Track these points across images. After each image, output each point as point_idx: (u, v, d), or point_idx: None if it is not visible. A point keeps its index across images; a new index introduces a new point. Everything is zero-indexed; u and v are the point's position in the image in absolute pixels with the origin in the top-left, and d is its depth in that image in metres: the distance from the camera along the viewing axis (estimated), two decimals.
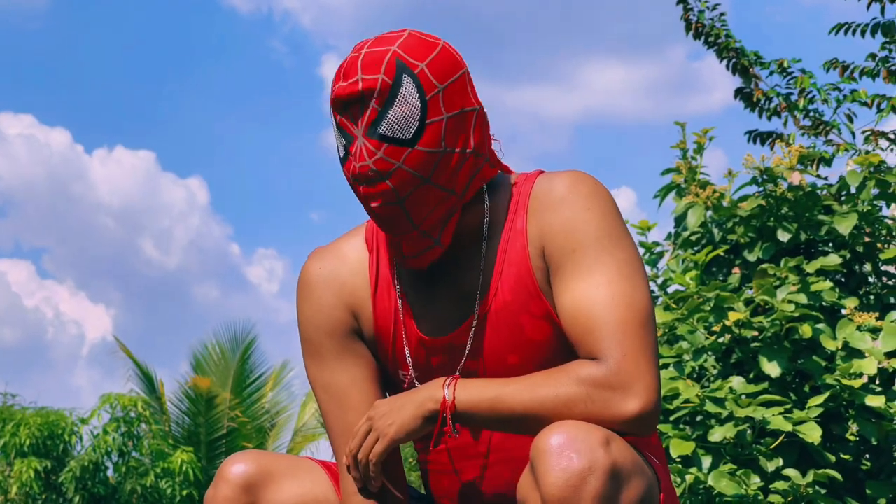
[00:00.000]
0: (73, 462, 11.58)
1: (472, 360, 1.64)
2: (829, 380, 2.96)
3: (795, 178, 3.60)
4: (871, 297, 3.44)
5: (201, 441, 12.65)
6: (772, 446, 2.89)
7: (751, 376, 3.08)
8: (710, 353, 3.17)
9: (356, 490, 1.64)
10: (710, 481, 2.78)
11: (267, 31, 25.18)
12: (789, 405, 2.92)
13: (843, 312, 3.22)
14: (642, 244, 3.84)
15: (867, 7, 4.76)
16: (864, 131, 4.69)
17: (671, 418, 3.00)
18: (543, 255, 1.60)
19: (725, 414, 2.90)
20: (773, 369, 2.98)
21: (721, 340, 3.13)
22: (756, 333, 3.09)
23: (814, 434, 2.79)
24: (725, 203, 3.59)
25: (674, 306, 3.22)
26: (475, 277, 1.64)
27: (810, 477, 2.80)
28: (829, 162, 3.98)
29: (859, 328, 3.02)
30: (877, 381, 3.13)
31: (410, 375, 1.68)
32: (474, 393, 1.53)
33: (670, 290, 3.67)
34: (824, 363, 3.02)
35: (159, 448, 11.95)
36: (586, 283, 1.54)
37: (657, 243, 3.86)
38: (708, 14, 5.12)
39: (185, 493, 11.48)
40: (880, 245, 3.49)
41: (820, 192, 3.54)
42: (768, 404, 2.92)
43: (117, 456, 11.82)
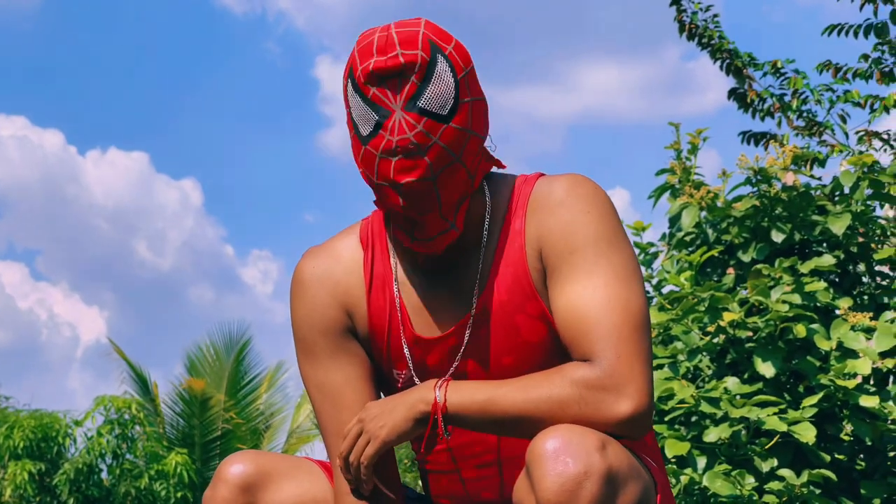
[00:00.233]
0: (68, 464, 11.57)
1: (467, 359, 1.64)
2: (824, 380, 2.96)
3: (789, 178, 3.61)
4: (865, 298, 3.45)
5: (196, 443, 12.62)
6: (766, 446, 2.90)
7: (745, 376, 3.08)
8: (705, 354, 3.17)
9: (349, 490, 1.64)
10: (704, 482, 2.79)
11: (261, 32, 25.18)
12: (784, 405, 2.92)
13: (838, 312, 3.22)
14: (637, 245, 3.84)
15: (860, 8, 4.78)
16: (858, 131, 4.71)
17: (666, 419, 3.00)
18: (541, 257, 1.60)
19: (720, 414, 2.90)
20: (767, 369, 2.98)
21: (716, 341, 3.13)
22: (750, 334, 3.10)
23: (808, 434, 2.79)
24: (720, 203, 3.59)
25: (668, 307, 3.22)
26: (472, 276, 1.64)
27: (805, 477, 2.80)
28: (823, 163, 3.99)
29: (853, 328, 3.02)
30: (871, 381, 3.14)
31: (405, 374, 1.68)
32: (466, 395, 1.53)
33: (665, 290, 3.67)
34: (818, 363, 3.03)
35: (153, 450, 11.94)
36: (582, 286, 1.54)
37: (651, 244, 3.86)
38: (701, 15, 5.14)
39: (179, 495, 11.44)
40: (874, 245, 3.49)
41: (814, 192, 3.54)
42: (763, 404, 2.92)
43: (111, 458, 11.81)
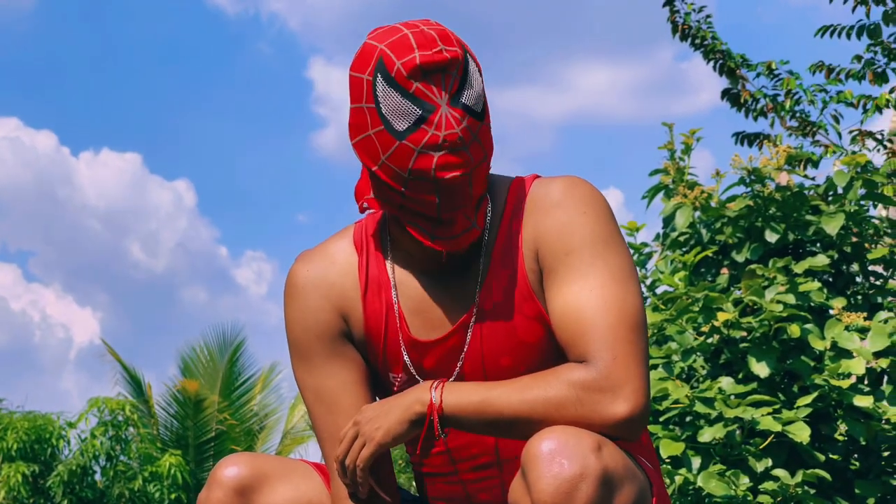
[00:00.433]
0: (61, 466, 11.55)
1: (465, 361, 1.63)
2: (818, 380, 2.96)
3: (783, 178, 3.61)
4: (859, 297, 3.45)
5: (189, 444, 12.60)
6: (761, 447, 2.90)
7: (740, 376, 3.08)
8: (699, 354, 3.17)
9: (346, 495, 1.63)
10: (699, 482, 2.79)
11: (254, 33, 25.16)
12: (778, 405, 2.92)
13: (832, 312, 3.22)
14: (631, 245, 3.84)
15: (852, 10, 4.78)
16: (851, 131, 4.71)
17: (661, 419, 3.00)
18: (537, 258, 1.60)
19: (715, 414, 2.90)
20: (761, 369, 2.98)
21: (710, 341, 3.13)
22: (745, 334, 3.10)
23: (803, 434, 2.80)
24: (713, 204, 3.59)
25: (662, 307, 3.22)
26: (470, 278, 1.63)
27: (799, 477, 2.80)
28: (816, 164, 3.99)
29: (847, 328, 3.03)
30: (865, 381, 3.14)
31: (401, 377, 1.66)
32: (462, 396, 1.52)
33: (659, 290, 3.67)
34: (813, 363, 3.03)
35: (147, 452, 11.92)
36: (579, 287, 1.54)
37: (645, 244, 3.86)
38: (694, 16, 5.14)
39: (173, 496, 11.43)
40: (868, 245, 3.50)
41: (807, 192, 3.54)
42: (757, 404, 2.92)
43: (105, 460, 11.80)
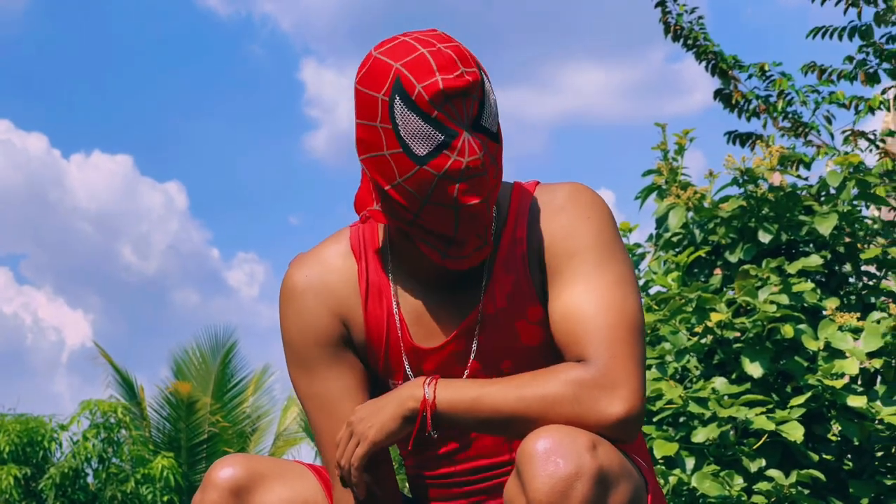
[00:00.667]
0: (53, 469, 11.53)
1: (466, 366, 1.62)
2: (811, 380, 2.96)
3: (776, 178, 3.61)
4: (852, 298, 3.45)
5: (182, 446, 12.58)
6: (755, 447, 2.90)
7: (733, 377, 3.08)
8: (693, 354, 3.17)
9: (349, 502, 1.61)
10: (693, 482, 2.79)
11: (246, 34, 25.14)
12: (772, 405, 2.92)
13: (825, 313, 3.22)
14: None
15: (844, 12, 4.79)
16: (844, 131, 4.72)
17: (654, 419, 3.00)
18: (542, 263, 1.59)
19: (708, 415, 2.90)
20: (755, 370, 2.98)
21: (703, 341, 3.13)
22: (738, 334, 3.10)
23: (796, 433, 2.79)
24: (706, 204, 3.59)
25: (656, 308, 3.22)
26: (473, 285, 1.62)
27: (793, 477, 2.80)
28: (808, 165, 3.99)
29: (841, 328, 3.03)
30: (858, 381, 3.14)
31: (401, 385, 1.63)
32: (456, 392, 1.51)
33: (652, 291, 3.67)
34: (806, 363, 3.03)
35: (140, 454, 11.90)
36: (580, 289, 1.54)
37: (638, 245, 3.86)
38: (686, 17, 5.14)
39: (165, 498, 11.40)
40: (861, 245, 3.50)
41: (800, 192, 3.54)
42: (751, 404, 2.92)
43: (97, 462, 11.78)
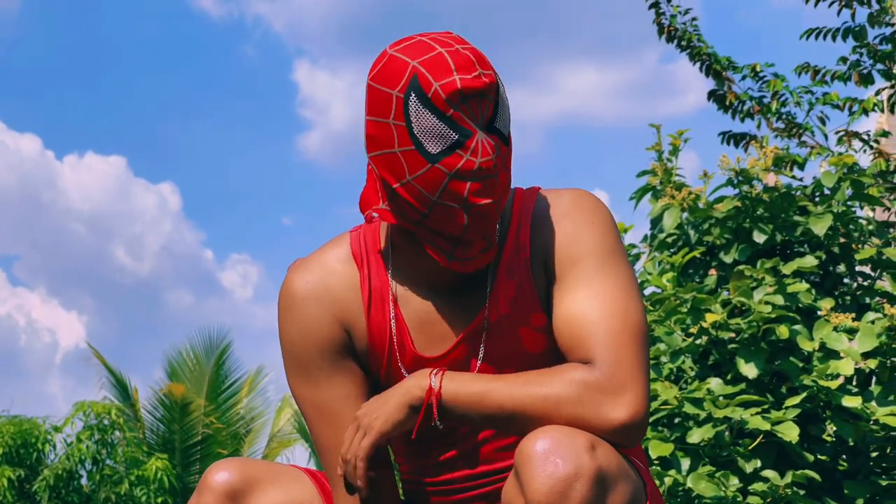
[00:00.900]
0: (47, 471, 11.50)
1: (469, 372, 1.59)
2: (806, 381, 2.96)
3: (771, 179, 3.61)
4: (847, 298, 3.45)
5: (176, 448, 12.57)
6: (750, 447, 2.90)
7: (728, 377, 3.08)
8: (688, 355, 3.17)
9: None
10: (689, 483, 2.79)
11: (239, 35, 25.12)
12: (767, 405, 2.92)
13: (820, 313, 3.23)
14: None
15: (838, 13, 4.79)
16: (838, 132, 4.72)
17: (650, 420, 3.00)
18: (545, 269, 1.59)
19: (704, 415, 2.90)
20: (750, 370, 2.99)
21: (698, 342, 3.14)
22: (733, 335, 3.10)
23: (791, 433, 2.80)
24: (701, 205, 3.59)
25: (651, 308, 3.22)
26: (476, 291, 1.61)
27: (789, 478, 2.80)
28: (802, 166, 3.99)
29: (836, 329, 3.03)
30: (853, 381, 3.14)
31: (409, 376, 1.63)
32: (462, 384, 1.51)
33: (647, 292, 3.66)
34: (801, 364, 3.03)
35: (134, 455, 11.88)
36: (584, 294, 1.54)
37: (633, 245, 3.85)
38: (680, 18, 5.14)
39: (159, 500, 11.39)
40: (855, 246, 3.50)
41: (795, 193, 3.54)
42: (746, 405, 2.93)
43: (91, 464, 11.75)
